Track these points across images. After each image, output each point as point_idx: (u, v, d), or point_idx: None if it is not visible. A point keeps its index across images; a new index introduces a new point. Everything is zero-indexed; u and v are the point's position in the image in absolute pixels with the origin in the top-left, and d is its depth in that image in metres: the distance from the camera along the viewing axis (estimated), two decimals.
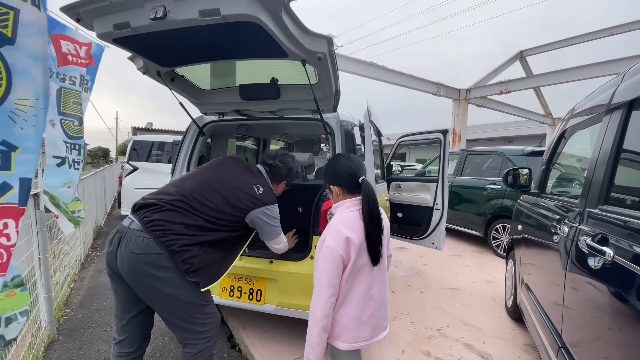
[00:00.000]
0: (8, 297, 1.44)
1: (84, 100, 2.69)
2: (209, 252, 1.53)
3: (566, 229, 1.55)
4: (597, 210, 1.33)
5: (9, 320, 1.47)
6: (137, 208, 1.55)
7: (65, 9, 1.53)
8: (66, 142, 2.53)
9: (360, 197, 1.29)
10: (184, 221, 1.50)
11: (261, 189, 1.73)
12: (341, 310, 1.28)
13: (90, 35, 2.58)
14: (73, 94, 2.52)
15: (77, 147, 2.63)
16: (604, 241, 1.18)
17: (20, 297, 1.49)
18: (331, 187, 1.39)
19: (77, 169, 2.67)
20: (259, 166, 1.93)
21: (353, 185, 1.32)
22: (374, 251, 1.25)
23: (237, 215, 1.64)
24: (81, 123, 2.63)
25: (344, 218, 1.29)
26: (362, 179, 1.30)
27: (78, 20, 1.58)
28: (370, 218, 1.25)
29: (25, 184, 1.33)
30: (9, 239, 1.31)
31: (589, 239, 1.26)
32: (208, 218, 1.55)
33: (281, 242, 1.90)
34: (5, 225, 1.29)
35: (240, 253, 1.77)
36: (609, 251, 1.09)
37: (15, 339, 1.52)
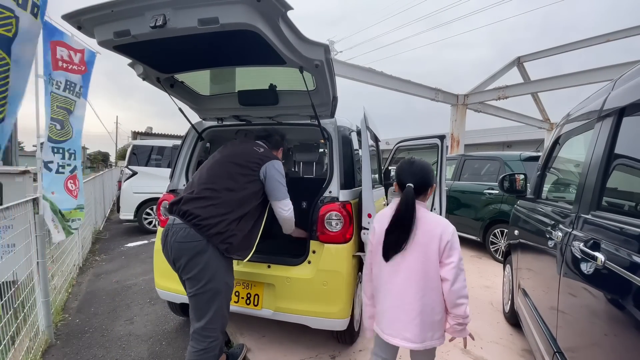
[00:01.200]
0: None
1: (80, 107, 2.68)
2: (240, 228, 1.77)
3: (560, 234, 1.57)
4: (589, 216, 1.35)
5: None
6: (171, 205, 1.81)
7: (67, 17, 1.56)
8: (52, 147, 2.51)
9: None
10: (212, 203, 1.74)
11: (262, 149, 2.00)
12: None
13: (86, 42, 2.60)
14: (57, 99, 2.52)
15: (61, 150, 2.57)
16: (596, 246, 1.20)
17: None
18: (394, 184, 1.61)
19: (61, 172, 2.59)
20: (256, 141, 2.12)
21: (402, 186, 1.47)
22: (385, 246, 1.41)
23: (250, 176, 1.86)
24: (63, 127, 2.58)
25: (382, 212, 1.53)
26: (407, 185, 1.41)
27: (79, 28, 1.61)
28: (397, 217, 1.39)
29: None
30: None
31: (582, 244, 1.28)
32: (229, 189, 1.79)
33: (288, 207, 1.96)
34: None
35: (263, 225, 1.95)
36: (600, 256, 1.11)
37: None
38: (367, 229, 2.04)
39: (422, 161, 1.50)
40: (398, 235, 1.38)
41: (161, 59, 1.96)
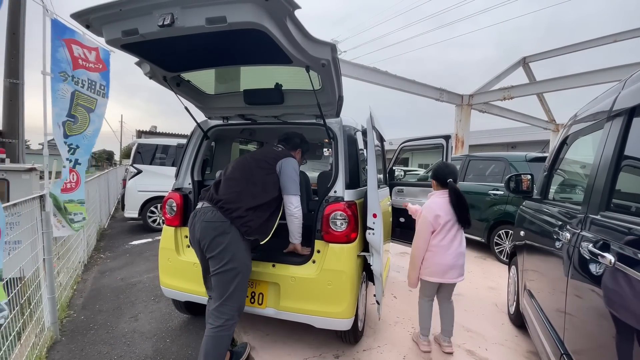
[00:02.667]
0: None
1: (101, 105, 2.70)
2: (257, 215, 1.95)
3: (568, 235, 1.55)
4: (598, 217, 1.33)
5: None
6: (203, 193, 2.04)
7: (76, 16, 1.57)
8: (65, 142, 2.52)
9: (447, 190, 2.25)
10: (234, 190, 1.95)
11: (280, 148, 2.27)
12: None
13: (97, 41, 2.62)
14: (82, 97, 2.55)
15: (70, 146, 2.56)
16: (605, 247, 1.18)
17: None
18: (432, 180, 2.39)
19: (63, 166, 2.57)
20: (277, 144, 2.37)
21: (442, 182, 2.30)
22: (463, 219, 2.22)
23: (267, 169, 2.08)
24: (76, 123, 2.59)
25: (437, 201, 2.26)
26: (449, 180, 2.25)
27: (88, 27, 1.62)
28: (456, 203, 2.19)
29: None
30: None
31: (591, 245, 1.26)
32: (248, 180, 2.00)
33: (297, 204, 2.11)
34: None
35: (279, 217, 2.12)
36: (610, 257, 1.10)
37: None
38: (373, 229, 2.07)
39: (452, 164, 2.34)
40: (459, 214, 2.19)
41: (168, 57, 1.97)
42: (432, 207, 2.23)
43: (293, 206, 2.10)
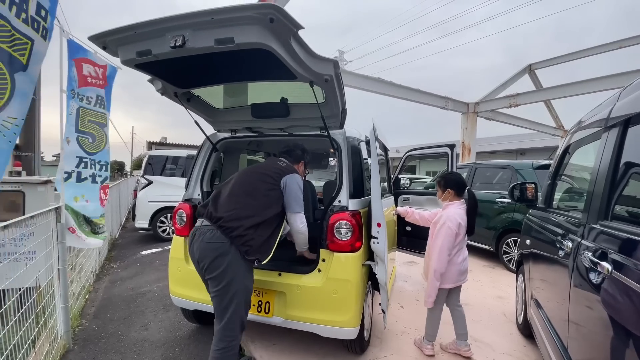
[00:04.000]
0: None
1: (107, 119, 2.86)
2: (258, 233, 1.88)
3: (570, 243, 1.57)
4: (597, 226, 1.35)
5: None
6: (200, 209, 2.00)
7: (93, 38, 1.68)
8: (83, 158, 2.66)
9: (463, 199, 2.38)
10: (234, 207, 1.89)
11: (285, 163, 2.20)
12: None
13: (107, 58, 2.76)
14: (89, 113, 2.69)
15: (94, 162, 2.75)
16: (603, 256, 1.20)
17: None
18: (448, 189, 2.40)
19: (96, 182, 2.78)
20: (279, 157, 2.33)
21: (462, 191, 2.39)
22: (470, 229, 2.36)
23: (270, 184, 2.01)
24: (94, 140, 2.76)
25: (459, 211, 2.33)
26: (468, 188, 2.42)
27: (104, 48, 1.73)
28: (473, 211, 2.38)
29: None
30: None
31: (590, 254, 1.28)
32: (249, 195, 1.95)
33: (302, 221, 2.07)
34: None
35: (280, 234, 2.06)
36: (607, 266, 1.11)
37: None
38: (377, 238, 2.12)
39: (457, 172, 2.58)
40: (471, 221, 2.36)
41: (179, 75, 2.07)
42: (455, 218, 2.26)
43: (299, 223, 2.05)
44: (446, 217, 2.28)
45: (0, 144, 1.47)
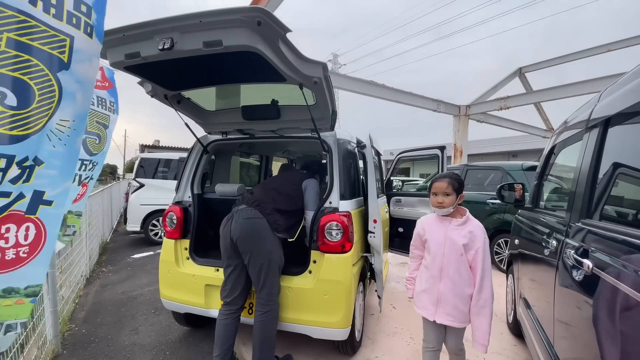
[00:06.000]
0: (16, 305, 1.43)
1: (112, 121, 2.83)
2: (284, 218, 2.22)
3: (554, 242, 1.60)
4: (580, 224, 1.38)
5: (8, 328, 1.42)
6: (240, 199, 2.30)
7: None
8: (84, 160, 2.62)
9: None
10: (265, 195, 2.24)
11: (305, 172, 2.67)
12: None
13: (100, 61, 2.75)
14: (95, 114, 2.67)
15: (90, 161, 2.68)
16: (585, 254, 1.23)
17: (26, 307, 1.49)
18: (463, 193, 1.83)
19: (82, 181, 2.66)
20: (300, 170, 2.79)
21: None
22: None
23: (294, 184, 2.41)
24: (100, 140, 2.74)
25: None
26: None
27: None
28: None
29: (38, 196, 1.39)
30: (7, 242, 1.36)
31: (573, 252, 1.31)
32: (276, 190, 2.31)
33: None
34: (7, 230, 1.35)
35: (300, 227, 2.38)
36: (589, 263, 1.14)
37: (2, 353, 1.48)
38: (374, 233, 2.37)
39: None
40: None
41: (169, 77, 2.07)
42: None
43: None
44: (481, 231, 1.72)
45: (59, 149, 1.40)
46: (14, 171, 1.27)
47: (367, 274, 2.87)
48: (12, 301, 1.41)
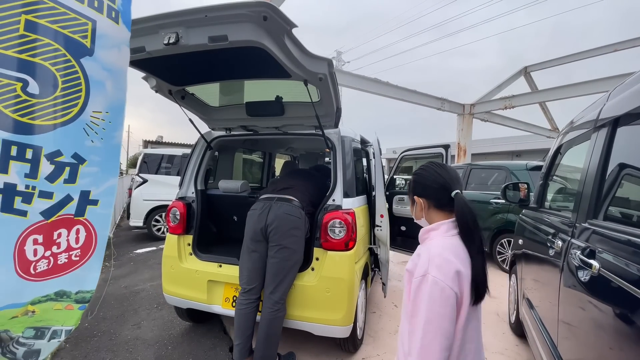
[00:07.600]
0: (65, 310, 1.35)
1: None
2: (312, 220, 2.27)
3: (560, 243, 1.59)
4: (586, 225, 1.37)
5: (54, 335, 1.33)
6: (271, 191, 2.33)
7: None
8: None
9: (454, 217, 1.01)
10: (294, 191, 2.30)
11: (318, 172, 2.87)
12: None
13: None
14: None
15: None
16: (592, 255, 1.22)
17: (75, 314, 1.39)
18: (415, 198, 1.11)
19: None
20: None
21: (443, 199, 1.03)
22: (481, 284, 0.92)
23: (320, 191, 2.45)
24: None
25: (448, 244, 0.96)
26: (456, 193, 1.02)
27: None
28: (472, 241, 0.96)
29: (85, 197, 1.32)
30: (59, 247, 1.28)
31: (579, 252, 1.30)
32: (312, 199, 2.35)
33: None
34: (59, 235, 1.28)
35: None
36: (596, 264, 1.13)
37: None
38: (380, 226, 2.56)
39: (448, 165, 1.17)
40: (481, 258, 0.95)
41: (173, 72, 2.07)
42: (448, 259, 0.92)
43: None
44: (425, 259, 0.93)
45: (97, 144, 1.32)
46: (47, 166, 1.18)
47: (370, 271, 2.88)
48: (62, 305, 1.34)
